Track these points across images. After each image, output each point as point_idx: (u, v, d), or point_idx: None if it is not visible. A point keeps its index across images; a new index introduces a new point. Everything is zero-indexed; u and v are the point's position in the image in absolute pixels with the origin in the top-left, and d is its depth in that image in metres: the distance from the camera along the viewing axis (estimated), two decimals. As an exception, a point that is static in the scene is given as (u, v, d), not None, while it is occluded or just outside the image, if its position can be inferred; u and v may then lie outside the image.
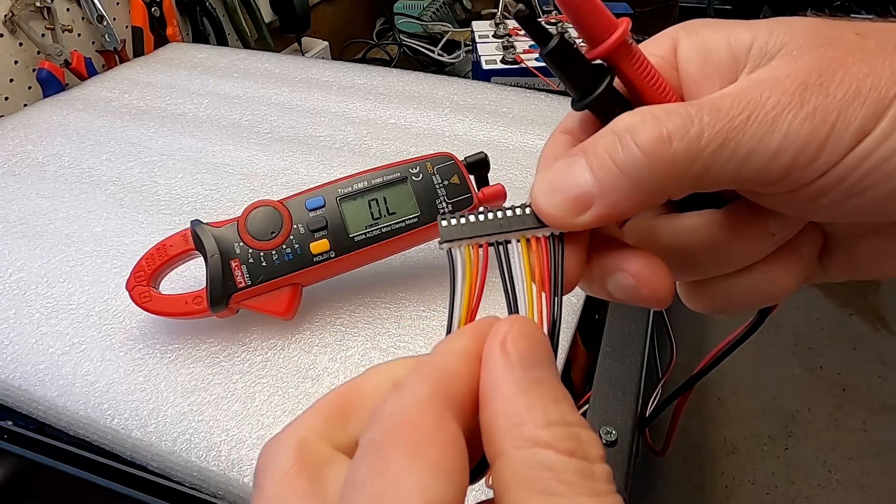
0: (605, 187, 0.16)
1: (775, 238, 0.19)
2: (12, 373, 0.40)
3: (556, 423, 0.14)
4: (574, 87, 0.18)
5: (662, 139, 0.16)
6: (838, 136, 0.15)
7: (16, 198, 0.55)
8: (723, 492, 0.73)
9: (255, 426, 0.37)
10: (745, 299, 0.21)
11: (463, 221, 0.18)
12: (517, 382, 0.14)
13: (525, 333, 0.15)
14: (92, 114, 0.68)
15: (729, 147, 0.15)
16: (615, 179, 0.16)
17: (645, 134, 0.16)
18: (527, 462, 0.13)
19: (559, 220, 0.17)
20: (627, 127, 0.16)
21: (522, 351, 0.15)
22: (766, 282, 0.20)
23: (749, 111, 0.15)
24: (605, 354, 0.40)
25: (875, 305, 0.96)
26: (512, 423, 0.14)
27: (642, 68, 0.18)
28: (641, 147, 0.16)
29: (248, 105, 0.69)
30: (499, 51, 0.87)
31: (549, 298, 0.17)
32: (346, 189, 0.41)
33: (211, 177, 0.57)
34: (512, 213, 0.18)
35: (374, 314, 0.43)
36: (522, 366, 0.15)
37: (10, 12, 0.71)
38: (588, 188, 0.17)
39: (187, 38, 0.95)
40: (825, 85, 0.15)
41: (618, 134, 0.16)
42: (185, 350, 0.41)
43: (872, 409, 0.81)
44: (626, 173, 0.16)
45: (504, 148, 0.61)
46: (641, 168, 0.16)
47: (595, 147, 0.17)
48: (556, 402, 0.14)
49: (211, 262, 0.39)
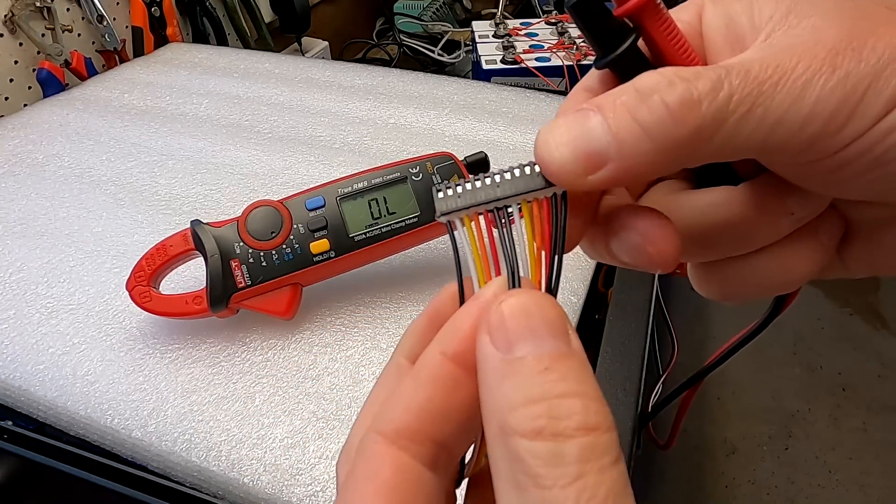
0: (625, 146, 0.15)
1: (794, 217, 0.18)
2: (12, 373, 0.40)
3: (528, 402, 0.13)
4: (597, 44, 0.18)
5: (692, 101, 0.15)
6: (869, 104, 0.14)
7: (16, 198, 0.55)
8: (723, 492, 0.73)
9: (255, 426, 0.37)
10: (760, 283, 0.20)
11: (459, 191, 0.17)
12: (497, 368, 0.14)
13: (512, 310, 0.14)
14: (92, 114, 0.68)
15: (757, 112, 0.15)
16: (636, 139, 0.15)
17: (675, 94, 0.15)
18: (500, 451, 0.13)
19: (568, 177, 0.16)
20: (653, 86, 0.15)
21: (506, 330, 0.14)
22: (783, 265, 0.19)
23: (779, 75, 0.15)
24: (605, 354, 0.40)
25: (875, 305, 0.96)
26: (491, 413, 0.14)
27: (669, 30, 0.17)
28: (670, 107, 0.15)
29: (248, 105, 0.69)
30: (499, 51, 0.87)
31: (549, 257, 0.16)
32: (346, 189, 0.41)
33: (211, 177, 0.57)
34: (511, 176, 0.17)
35: (374, 314, 0.43)
36: (506, 346, 0.14)
37: (10, 12, 0.71)
38: (604, 145, 0.15)
39: (187, 38, 0.95)
40: (857, 50, 0.15)
41: (642, 92, 0.15)
42: (185, 350, 0.41)
43: (872, 409, 0.81)
44: (648, 133, 0.15)
45: (504, 148, 0.61)
46: (668, 130, 0.15)
47: (614, 103, 0.15)
48: (538, 374, 0.14)
49: (211, 262, 0.39)
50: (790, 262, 0.19)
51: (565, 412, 0.13)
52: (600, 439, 0.13)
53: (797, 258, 0.19)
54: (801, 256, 0.19)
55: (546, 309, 0.14)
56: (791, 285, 0.20)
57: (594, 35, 0.18)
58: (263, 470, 0.35)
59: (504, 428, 0.13)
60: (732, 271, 0.20)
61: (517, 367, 0.14)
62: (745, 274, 0.20)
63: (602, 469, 0.13)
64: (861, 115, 0.14)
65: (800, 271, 0.19)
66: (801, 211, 0.18)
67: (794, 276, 0.19)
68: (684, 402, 0.38)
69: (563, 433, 0.13)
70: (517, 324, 0.14)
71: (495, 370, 0.14)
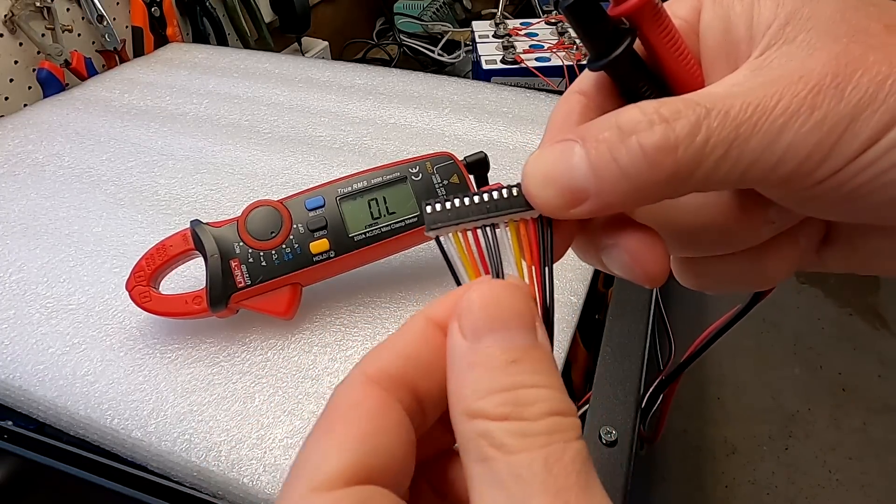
0: (603, 184, 0.16)
1: (775, 225, 0.19)
2: (12, 373, 0.40)
3: (494, 391, 0.14)
4: (592, 46, 0.18)
5: (669, 147, 0.15)
6: (845, 145, 0.15)
7: (16, 198, 0.55)
8: (723, 492, 0.73)
9: (254, 426, 0.37)
10: (737, 281, 0.20)
11: (448, 206, 0.17)
12: (464, 355, 0.15)
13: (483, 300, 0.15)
14: (92, 114, 0.68)
15: (733, 155, 0.15)
16: (614, 178, 0.16)
17: (652, 139, 0.15)
18: (466, 434, 0.14)
19: (551, 209, 0.17)
20: (633, 126, 0.15)
21: (474, 319, 0.15)
22: (760, 266, 0.20)
23: (757, 116, 0.15)
24: (605, 354, 0.40)
25: (875, 305, 0.96)
26: (457, 399, 0.14)
27: (666, 33, 0.17)
28: (646, 151, 0.15)
29: (248, 105, 0.69)
30: (499, 51, 0.87)
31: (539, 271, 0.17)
32: (345, 189, 0.41)
33: (211, 177, 0.57)
34: (499, 196, 0.17)
35: (374, 314, 0.43)
36: (474, 336, 0.15)
37: (10, 12, 0.71)
38: (584, 183, 0.16)
39: (187, 38, 0.95)
40: (840, 87, 0.14)
41: (623, 130, 0.16)
42: (185, 350, 0.41)
43: (872, 409, 0.81)
44: (625, 174, 0.15)
45: (504, 148, 0.61)
46: (642, 172, 0.15)
47: (596, 138, 0.16)
48: (505, 366, 0.14)
49: (211, 262, 0.39)
50: (768, 263, 0.20)
51: (531, 400, 0.14)
52: (565, 420, 0.14)
53: (775, 260, 0.19)
54: (778, 259, 0.19)
55: (515, 300, 0.15)
56: (768, 284, 0.21)
57: (588, 36, 0.17)
58: (263, 470, 0.35)
59: (471, 412, 0.14)
60: (712, 268, 0.21)
61: (485, 357, 0.14)
62: (724, 272, 0.20)
63: (567, 439, 0.13)
64: (836, 155, 0.15)
65: (776, 273, 0.20)
66: (781, 220, 0.18)
67: (770, 276, 0.20)
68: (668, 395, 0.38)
69: (528, 418, 0.14)
70: (486, 314, 0.15)
71: (462, 357, 0.15)
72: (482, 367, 0.14)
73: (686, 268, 0.21)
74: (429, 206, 0.17)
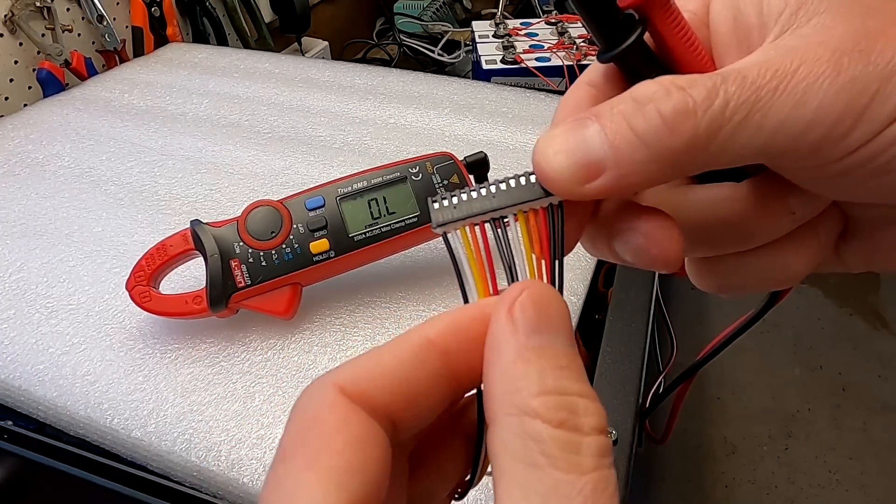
0: (621, 155, 0.15)
1: (795, 216, 0.18)
2: (12, 373, 0.40)
3: (550, 392, 0.14)
4: (601, 37, 0.17)
5: (687, 111, 0.15)
6: (877, 109, 0.14)
7: (16, 198, 0.55)
8: (723, 492, 0.73)
9: (254, 426, 0.37)
10: (757, 279, 0.20)
11: (455, 202, 0.16)
12: (518, 349, 0.14)
13: (536, 299, 0.15)
14: (92, 114, 0.68)
15: (755, 119, 0.14)
16: (632, 148, 0.15)
17: (670, 103, 0.15)
18: (514, 430, 0.13)
19: (564, 186, 0.16)
20: (650, 95, 0.15)
21: (530, 317, 0.14)
22: (780, 263, 0.19)
23: (777, 80, 0.14)
24: (605, 354, 0.40)
25: (875, 305, 0.96)
26: (506, 390, 0.14)
27: (676, 24, 0.17)
28: (665, 117, 0.15)
29: (248, 105, 0.69)
30: (499, 51, 0.87)
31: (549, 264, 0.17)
32: (345, 189, 0.41)
33: (211, 177, 0.57)
34: (506, 186, 0.16)
35: (374, 314, 0.43)
36: (527, 331, 0.14)
37: (10, 12, 0.71)
38: (601, 154, 0.15)
39: (187, 38, 0.95)
40: (865, 52, 0.14)
41: (639, 101, 0.15)
42: (185, 350, 0.41)
43: (872, 409, 0.81)
44: (644, 142, 0.15)
45: (504, 148, 0.61)
46: (662, 139, 0.15)
47: (612, 111, 0.15)
48: (558, 369, 0.14)
49: (211, 261, 0.39)
50: (789, 259, 0.19)
51: (583, 411, 0.13)
52: (607, 442, 0.14)
53: (796, 256, 0.19)
54: (799, 254, 0.19)
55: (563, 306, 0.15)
56: (789, 281, 0.20)
57: (599, 27, 0.17)
58: (263, 470, 0.35)
59: (524, 409, 0.13)
60: (731, 267, 0.20)
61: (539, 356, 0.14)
62: (743, 270, 0.19)
63: (609, 467, 0.13)
64: (868, 120, 0.14)
65: (798, 268, 0.19)
66: (802, 210, 0.18)
67: (792, 272, 0.19)
68: (679, 395, 0.38)
69: (581, 429, 0.13)
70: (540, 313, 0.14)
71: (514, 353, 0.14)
72: (535, 365, 0.14)
73: (703, 269, 0.21)
74: (435, 203, 0.17)
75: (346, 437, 0.14)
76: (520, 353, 0.14)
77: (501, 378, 0.14)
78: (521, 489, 0.13)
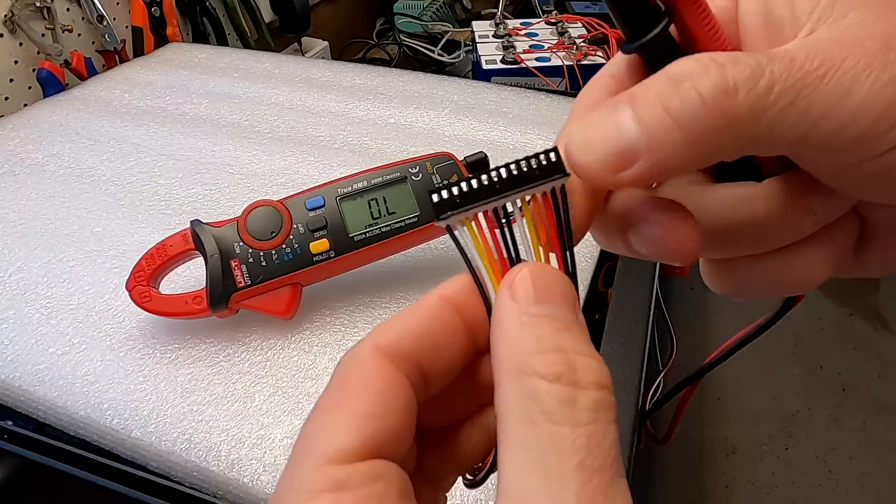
0: (655, 140, 0.14)
1: (816, 218, 0.17)
2: (12, 373, 0.40)
3: (548, 350, 0.14)
4: (626, 26, 0.17)
5: (728, 89, 0.14)
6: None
7: (16, 198, 0.55)
8: (723, 492, 0.73)
9: (254, 426, 0.37)
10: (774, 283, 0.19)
11: (455, 192, 0.16)
12: (519, 316, 0.15)
13: (534, 274, 0.15)
14: (92, 114, 0.68)
15: (800, 106, 0.14)
16: (667, 132, 0.14)
17: (708, 81, 0.14)
18: (515, 390, 0.14)
19: (597, 175, 0.15)
20: (686, 73, 0.14)
21: (529, 290, 0.15)
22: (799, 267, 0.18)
23: (825, 68, 0.13)
24: (605, 354, 0.40)
25: (875, 305, 0.96)
26: (507, 354, 0.14)
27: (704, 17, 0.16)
28: (703, 95, 0.14)
29: (248, 105, 0.69)
30: (499, 51, 0.87)
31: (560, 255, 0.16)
32: (345, 189, 0.41)
33: (211, 177, 0.57)
34: (507, 173, 0.16)
35: (374, 314, 0.43)
36: (527, 302, 0.15)
37: (10, 12, 0.71)
38: (634, 140, 0.15)
39: (187, 38, 0.95)
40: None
41: (674, 80, 0.14)
42: (185, 350, 0.41)
43: (872, 409, 0.81)
44: (681, 125, 0.14)
45: (504, 148, 0.61)
46: (700, 120, 0.14)
47: (647, 93, 0.15)
48: (557, 331, 0.14)
49: (211, 262, 0.39)
50: (807, 263, 0.18)
51: (581, 367, 0.14)
52: (608, 398, 0.14)
53: (815, 260, 0.18)
54: (819, 258, 0.18)
55: (563, 280, 0.15)
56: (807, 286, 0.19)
57: (624, 16, 0.17)
58: (263, 470, 0.35)
59: (523, 368, 0.14)
60: (748, 270, 0.19)
61: (537, 321, 0.14)
62: (761, 273, 0.19)
63: (608, 422, 0.13)
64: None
65: (817, 273, 0.18)
66: (824, 212, 0.17)
67: (811, 277, 0.18)
68: (684, 398, 0.38)
69: (579, 383, 0.14)
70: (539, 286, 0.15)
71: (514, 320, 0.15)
72: (535, 328, 0.14)
73: (719, 271, 0.20)
74: (435, 195, 0.16)
75: (370, 387, 0.15)
76: (520, 320, 0.15)
77: (503, 344, 0.15)
78: (520, 447, 0.13)
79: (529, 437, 0.13)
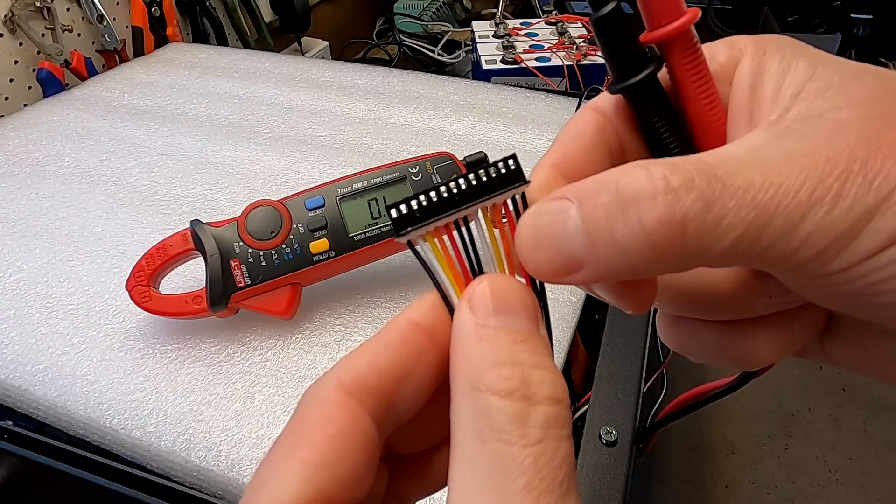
0: (598, 256, 0.14)
1: (771, 302, 0.17)
2: (12, 373, 0.40)
3: (503, 363, 0.14)
4: (614, 66, 0.17)
5: (675, 223, 0.13)
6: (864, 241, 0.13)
7: (16, 198, 0.55)
8: (723, 492, 0.73)
9: (254, 426, 0.37)
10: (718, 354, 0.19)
11: (414, 206, 0.15)
12: (476, 329, 0.14)
13: (493, 286, 0.15)
14: (92, 114, 0.68)
15: (749, 237, 0.13)
16: (610, 252, 0.14)
17: (655, 212, 0.13)
18: (467, 406, 0.14)
19: (547, 276, 0.16)
20: (635, 194, 0.13)
21: (486, 302, 0.15)
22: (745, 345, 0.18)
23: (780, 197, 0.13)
24: (605, 354, 0.40)
25: (875, 305, 0.96)
26: (462, 369, 0.14)
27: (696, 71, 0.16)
28: (646, 229, 0.13)
29: (248, 105, 0.69)
30: (499, 51, 0.87)
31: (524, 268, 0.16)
32: (345, 189, 0.41)
33: (211, 177, 0.57)
34: (466, 184, 0.16)
35: (374, 314, 0.43)
36: (485, 315, 0.15)
37: (10, 12, 0.71)
38: (579, 251, 0.14)
39: (187, 38, 0.95)
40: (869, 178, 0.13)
41: (623, 198, 0.14)
42: (185, 350, 0.41)
43: (872, 409, 0.81)
44: (622, 250, 0.14)
45: (504, 148, 0.61)
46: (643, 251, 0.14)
47: (594, 202, 0.14)
48: (514, 344, 0.14)
49: (211, 261, 0.39)
50: (755, 342, 0.18)
51: (536, 380, 0.14)
52: (562, 413, 0.14)
53: (763, 342, 0.18)
54: (767, 341, 0.18)
55: (522, 292, 0.15)
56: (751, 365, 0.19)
57: (613, 56, 0.17)
58: (263, 470, 0.34)
59: (476, 383, 0.14)
60: (697, 332, 0.19)
61: (493, 334, 0.14)
62: (706, 339, 0.19)
63: (560, 439, 0.13)
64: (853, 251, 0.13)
65: (763, 355, 0.18)
66: (779, 297, 0.17)
67: (755, 358, 0.18)
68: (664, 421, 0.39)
69: (532, 398, 0.13)
70: (497, 298, 0.15)
71: (471, 333, 0.14)
72: (491, 342, 0.14)
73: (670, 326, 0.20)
74: (393, 211, 0.15)
75: (326, 432, 0.14)
76: (477, 333, 0.14)
77: (460, 358, 0.14)
78: (469, 465, 0.13)
79: (478, 455, 0.13)
